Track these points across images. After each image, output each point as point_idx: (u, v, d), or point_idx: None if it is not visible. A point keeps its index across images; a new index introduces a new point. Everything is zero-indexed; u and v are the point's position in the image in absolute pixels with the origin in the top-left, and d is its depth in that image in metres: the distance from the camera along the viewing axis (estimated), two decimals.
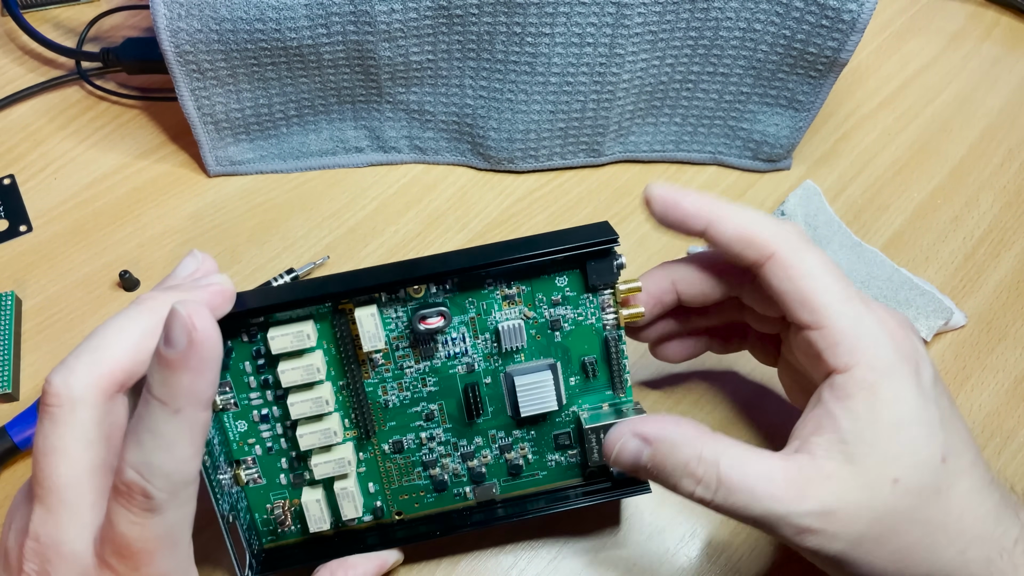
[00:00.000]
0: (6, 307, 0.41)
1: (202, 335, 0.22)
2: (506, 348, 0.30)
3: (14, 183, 0.47)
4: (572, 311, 0.30)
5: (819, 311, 0.27)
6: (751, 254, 0.28)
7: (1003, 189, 0.48)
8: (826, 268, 0.27)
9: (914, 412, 0.26)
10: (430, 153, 0.48)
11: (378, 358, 0.30)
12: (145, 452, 0.23)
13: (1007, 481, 0.37)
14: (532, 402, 0.30)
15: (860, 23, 0.40)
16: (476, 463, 0.32)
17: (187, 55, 0.41)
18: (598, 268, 0.29)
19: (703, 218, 0.28)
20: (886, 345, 0.26)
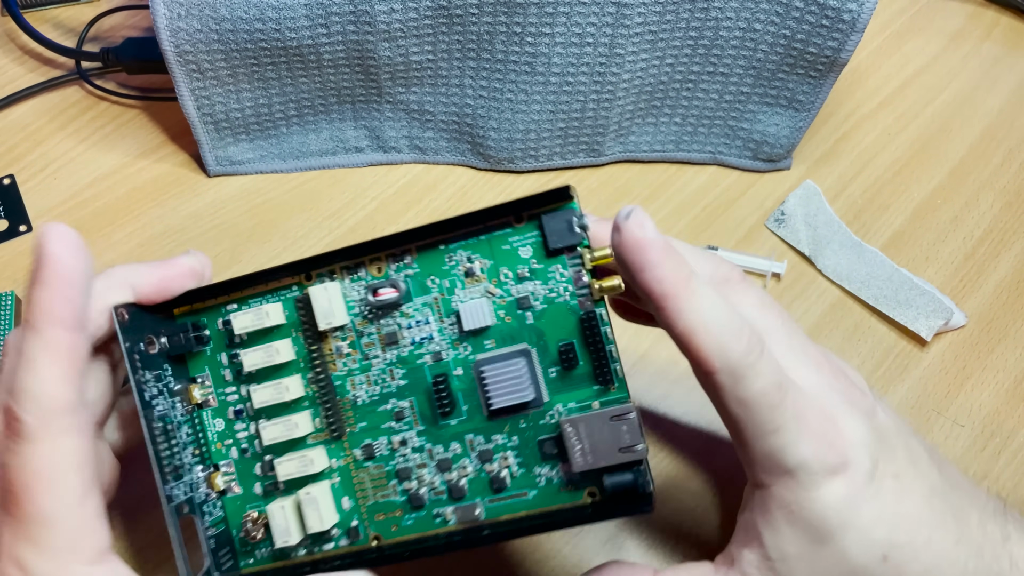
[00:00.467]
0: (6, 307, 0.41)
1: (52, 250, 0.23)
2: (468, 330, 0.27)
3: (14, 183, 0.47)
4: (541, 286, 0.27)
5: (744, 434, 0.25)
6: (691, 358, 0.24)
7: (1003, 189, 0.48)
8: (764, 397, 0.24)
9: (840, 522, 0.24)
10: (430, 153, 0.48)
11: (343, 346, 0.28)
12: (16, 376, 0.23)
13: (998, 493, 0.37)
14: (503, 393, 0.26)
15: (860, 23, 0.40)
16: (455, 476, 0.28)
17: (187, 55, 0.41)
18: (554, 227, 0.26)
19: (660, 293, 0.23)
20: (803, 468, 0.24)
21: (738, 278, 0.28)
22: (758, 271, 0.44)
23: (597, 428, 0.25)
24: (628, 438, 0.25)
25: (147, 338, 0.29)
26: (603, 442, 0.25)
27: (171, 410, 0.29)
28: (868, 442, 0.25)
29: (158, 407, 0.28)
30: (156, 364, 0.29)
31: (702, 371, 0.24)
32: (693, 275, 0.24)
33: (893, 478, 0.25)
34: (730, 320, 0.24)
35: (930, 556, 0.25)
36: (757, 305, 0.27)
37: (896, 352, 0.42)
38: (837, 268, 0.44)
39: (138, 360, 0.28)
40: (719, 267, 0.28)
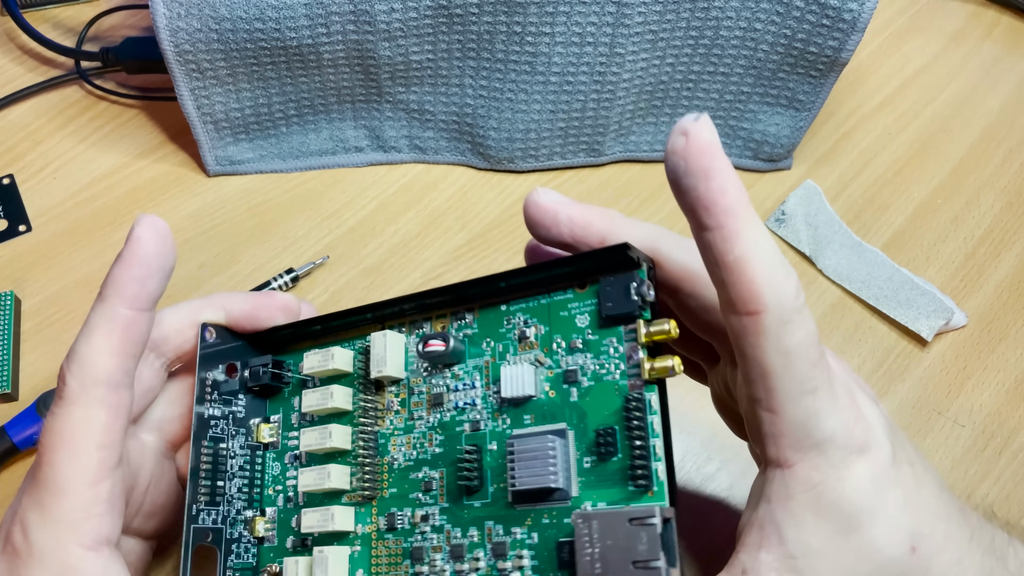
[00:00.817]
0: (5, 307, 0.41)
1: (138, 233, 0.24)
2: (506, 397, 0.24)
3: (13, 183, 0.47)
4: (592, 360, 0.24)
5: (776, 395, 0.22)
6: (737, 295, 0.21)
7: (1004, 189, 0.48)
8: (807, 349, 0.22)
9: (869, 507, 0.23)
10: (430, 153, 0.48)
11: (395, 402, 0.27)
12: (75, 342, 0.24)
13: (986, 508, 0.36)
14: (528, 474, 0.23)
15: (860, 23, 0.40)
16: (466, 568, 0.24)
17: (186, 54, 0.41)
18: (612, 292, 0.23)
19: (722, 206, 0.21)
20: (832, 441, 0.22)
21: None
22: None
23: (613, 531, 0.21)
24: (645, 550, 0.20)
25: (229, 364, 0.29)
26: (617, 550, 0.21)
27: (230, 439, 0.28)
28: (885, 426, 0.24)
29: (216, 428, 0.28)
30: (230, 389, 0.29)
31: (747, 311, 0.21)
32: (749, 202, 0.21)
33: (909, 465, 0.24)
34: (782, 257, 0.21)
35: (952, 550, 0.24)
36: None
37: (897, 352, 0.42)
38: (838, 268, 0.44)
39: (209, 380, 0.28)
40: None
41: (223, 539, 0.27)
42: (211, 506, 0.27)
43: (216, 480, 0.28)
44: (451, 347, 0.26)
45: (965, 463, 0.38)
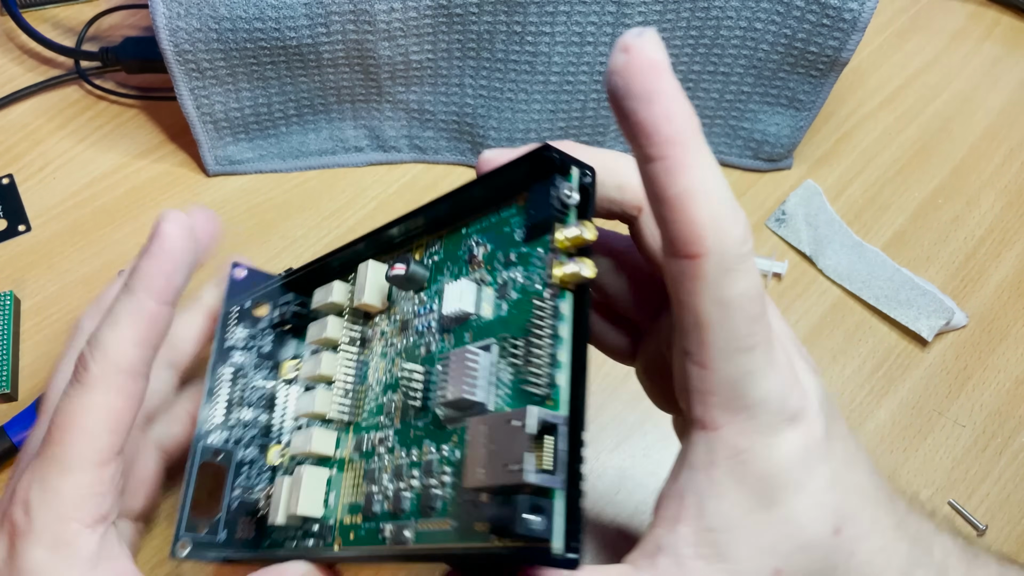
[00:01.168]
0: (5, 307, 0.41)
1: (165, 228, 0.25)
2: (446, 314, 0.24)
3: (13, 183, 0.46)
4: (522, 273, 0.22)
5: (710, 348, 0.20)
6: (676, 235, 0.19)
7: (1004, 189, 0.48)
8: (748, 302, 0.20)
9: (796, 480, 0.21)
10: (430, 152, 0.48)
11: (377, 332, 0.27)
12: (99, 328, 0.24)
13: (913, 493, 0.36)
14: (450, 389, 0.22)
15: (861, 22, 0.40)
16: (403, 487, 0.24)
17: (186, 54, 0.41)
18: (536, 199, 0.21)
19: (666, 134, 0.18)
20: (770, 401, 0.21)
21: None
22: (759, 271, 0.44)
23: (498, 434, 0.20)
24: (515, 450, 0.19)
25: (258, 302, 0.30)
26: (498, 455, 0.20)
27: (252, 370, 0.30)
28: (822, 397, 0.22)
29: (236, 357, 0.30)
30: (259, 326, 0.30)
31: (686, 253, 0.19)
32: (701, 131, 0.19)
33: (842, 441, 0.22)
34: (730, 196, 0.19)
35: (878, 535, 0.22)
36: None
37: (897, 352, 0.42)
38: (838, 268, 0.44)
39: (235, 313, 0.30)
40: None
41: (232, 460, 0.29)
42: (224, 428, 0.29)
43: (232, 404, 0.29)
44: (410, 270, 0.25)
45: (966, 463, 0.38)
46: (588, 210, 0.22)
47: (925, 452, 0.39)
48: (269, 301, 0.31)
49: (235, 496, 0.29)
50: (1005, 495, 0.38)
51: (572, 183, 0.21)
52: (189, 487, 0.28)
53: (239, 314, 0.31)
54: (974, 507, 0.37)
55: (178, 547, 0.28)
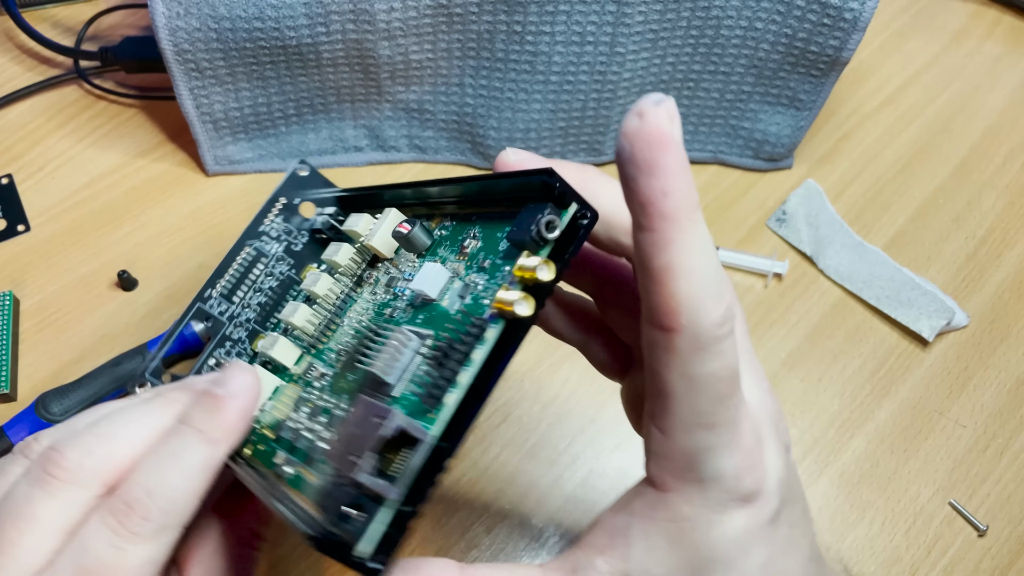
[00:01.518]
0: (4, 307, 0.41)
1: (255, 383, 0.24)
2: (414, 289, 0.24)
3: (12, 182, 0.46)
4: (485, 281, 0.23)
5: (671, 418, 0.20)
6: (655, 305, 0.19)
7: (1005, 188, 0.48)
8: (716, 383, 0.20)
9: (728, 559, 0.21)
10: (430, 152, 0.48)
11: (373, 275, 0.28)
12: (164, 475, 0.22)
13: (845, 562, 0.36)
14: (374, 362, 0.22)
15: (862, 22, 0.40)
16: (314, 427, 0.25)
17: (186, 54, 0.40)
18: (524, 217, 0.21)
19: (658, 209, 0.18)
20: (717, 484, 0.21)
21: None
22: (759, 271, 0.44)
23: (362, 420, 0.20)
24: (362, 444, 0.19)
25: (306, 202, 0.31)
26: (356, 440, 0.20)
27: (275, 260, 0.31)
28: (782, 480, 0.22)
29: (263, 241, 0.31)
30: (293, 221, 0.31)
31: (662, 325, 0.19)
32: (699, 208, 0.19)
33: (789, 526, 0.22)
34: (716, 278, 0.19)
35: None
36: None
37: (898, 352, 0.42)
38: (839, 268, 0.44)
39: (283, 204, 0.31)
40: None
41: (220, 331, 0.30)
42: (225, 300, 0.30)
43: (241, 283, 0.30)
44: (412, 232, 0.26)
45: (966, 464, 0.38)
46: (568, 251, 0.21)
47: (926, 452, 0.39)
48: (315, 204, 0.31)
49: (209, 365, 0.30)
50: (1006, 496, 0.37)
51: (562, 220, 0.21)
52: (170, 341, 0.29)
53: (284, 206, 0.31)
54: (975, 508, 0.37)
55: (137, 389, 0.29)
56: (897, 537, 0.36)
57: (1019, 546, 0.36)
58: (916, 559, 0.36)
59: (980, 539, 0.36)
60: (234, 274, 0.30)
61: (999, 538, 0.36)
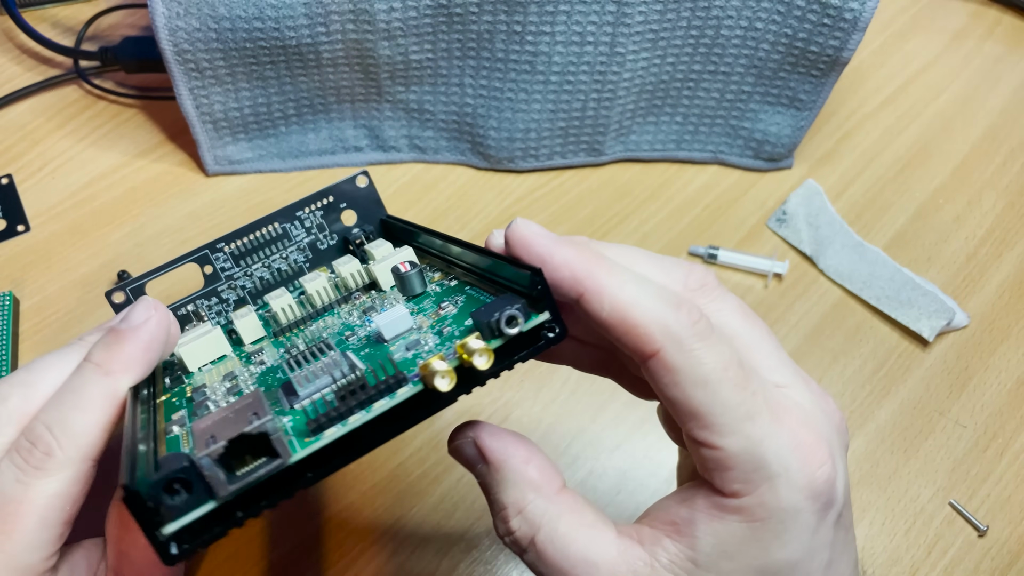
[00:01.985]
0: (4, 307, 0.41)
1: (161, 318, 0.24)
2: (376, 322, 0.24)
3: (12, 183, 0.46)
4: (435, 346, 0.22)
5: (712, 429, 0.20)
6: (630, 344, 0.21)
7: (1005, 189, 0.48)
8: (726, 372, 0.20)
9: (797, 558, 0.21)
10: (430, 152, 0.48)
11: (361, 299, 0.28)
12: (63, 410, 0.22)
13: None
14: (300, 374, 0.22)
15: (862, 22, 0.40)
16: (215, 400, 0.25)
17: (185, 54, 0.40)
18: (496, 304, 0.21)
19: (574, 286, 0.21)
20: (788, 480, 0.21)
21: (714, 284, 0.24)
22: (760, 271, 0.44)
23: (240, 412, 0.20)
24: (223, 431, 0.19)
25: (349, 210, 0.31)
26: (222, 424, 0.20)
27: (295, 247, 0.31)
28: (846, 481, 0.22)
29: (294, 227, 0.31)
30: (330, 225, 0.31)
31: (648, 354, 0.20)
32: (607, 257, 0.21)
33: (846, 530, 0.23)
34: (662, 291, 0.21)
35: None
36: (739, 312, 0.23)
37: (898, 352, 0.42)
38: (839, 268, 0.44)
39: (328, 201, 0.31)
40: (691, 273, 0.23)
41: (214, 285, 0.30)
42: (233, 261, 0.30)
43: (254, 252, 0.30)
44: (409, 273, 0.26)
45: (967, 464, 0.38)
46: (520, 353, 0.21)
47: (926, 452, 0.39)
48: (358, 215, 0.32)
49: (188, 310, 0.30)
50: (1006, 496, 0.37)
51: (526, 322, 0.21)
52: (161, 270, 0.29)
53: (327, 206, 0.31)
54: (975, 508, 0.37)
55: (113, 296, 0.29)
56: (897, 537, 0.36)
57: (1019, 546, 0.36)
58: (916, 559, 0.36)
59: (980, 539, 0.36)
60: (252, 241, 0.30)
61: (999, 538, 0.36)
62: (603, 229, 0.46)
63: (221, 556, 0.35)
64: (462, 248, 0.26)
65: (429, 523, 0.36)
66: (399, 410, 0.20)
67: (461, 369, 0.20)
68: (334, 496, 0.37)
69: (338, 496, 0.37)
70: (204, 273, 0.30)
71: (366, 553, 0.35)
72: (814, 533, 0.21)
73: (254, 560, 0.35)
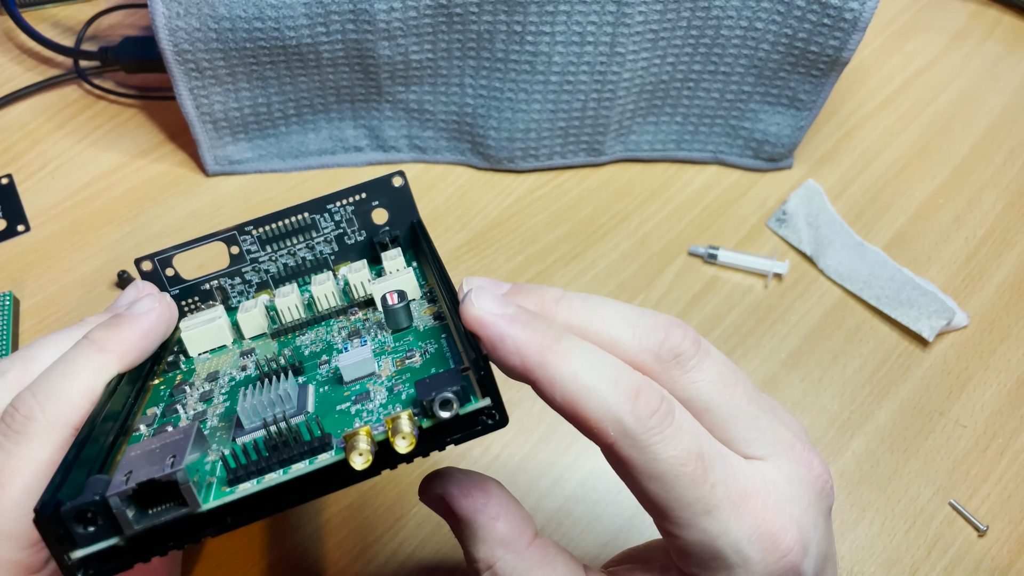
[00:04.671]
0: (4, 307, 0.41)
1: (163, 311, 0.24)
2: (340, 364, 0.24)
3: (12, 182, 0.46)
4: (380, 403, 0.22)
5: (669, 521, 0.21)
6: (585, 434, 0.21)
7: (1005, 188, 0.48)
8: (683, 468, 0.20)
9: None
10: (430, 152, 0.48)
11: (357, 315, 0.28)
12: (51, 377, 0.22)
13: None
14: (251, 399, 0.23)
15: (862, 22, 0.40)
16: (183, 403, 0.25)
17: (185, 54, 0.40)
18: (437, 379, 0.20)
19: (524, 374, 0.20)
20: (747, 570, 0.21)
21: (691, 350, 0.22)
22: (759, 271, 0.44)
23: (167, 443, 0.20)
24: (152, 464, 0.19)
25: (380, 208, 0.31)
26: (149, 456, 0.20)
27: (322, 238, 0.31)
28: (823, 548, 0.22)
29: (321, 218, 0.31)
30: (360, 221, 0.31)
31: (603, 446, 0.20)
32: (563, 335, 0.20)
33: (832, 568, 0.23)
34: (618, 379, 0.20)
35: None
36: (717, 381, 0.22)
37: (898, 352, 0.42)
38: (839, 268, 0.44)
39: (361, 198, 0.31)
40: (668, 338, 0.22)
41: (239, 265, 0.31)
42: (258, 243, 0.31)
43: (282, 239, 0.31)
44: (395, 307, 0.26)
45: (967, 464, 0.38)
46: (452, 436, 0.21)
47: (926, 452, 0.39)
48: (389, 214, 0.31)
49: (210, 285, 0.31)
50: (1006, 496, 0.37)
51: (463, 407, 0.20)
52: (190, 245, 0.30)
53: (360, 202, 0.31)
54: (975, 508, 0.37)
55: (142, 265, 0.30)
56: (897, 537, 0.36)
57: (1019, 546, 0.36)
58: (916, 559, 0.36)
59: (980, 539, 0.36)
60: (281, 228, 0.31)
61: (999, 538, 0.36)
62: (603, 229, 0.46)
63: (221, 556, 0.35)
64: (444, 292, 0.26)
65: (429, 523, 0.36)
66: (315, 476, 0.20)
67: (383, 446, 0.20)
68: (334, 496, 0.37)
69: (338, 496, 0.37)
70: (231, 253, 0.30)
71: (366, 553, 0.35)
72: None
73: (254, 560, 0.35)
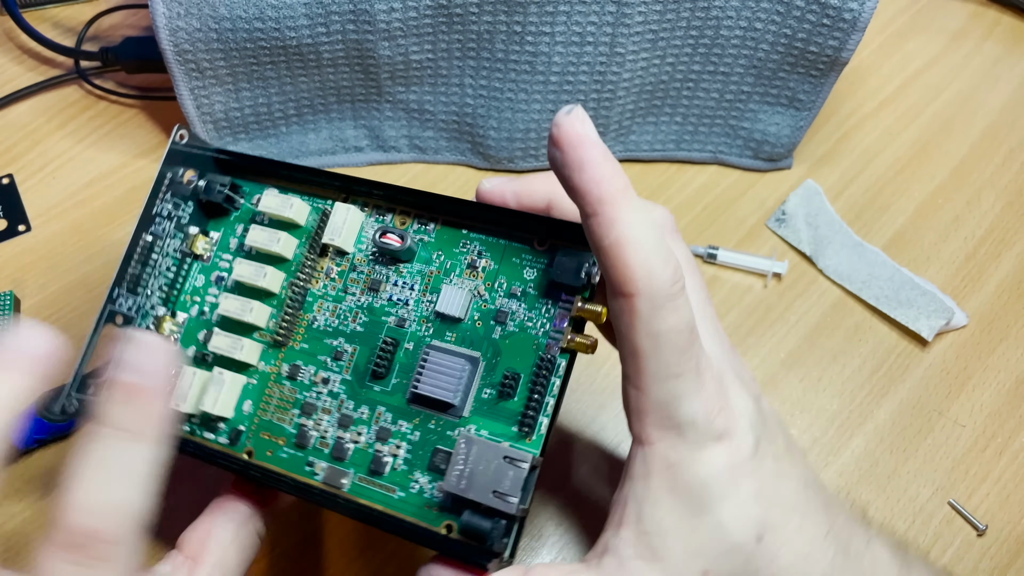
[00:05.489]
0: (5, 307, 0.41)
1: (168, 358, 0.21)
2: (438, 311, 0.27)
3: (13, 182, 0.46)
4: (525, 311, 0.26)
5: (647, 375, 0.23)
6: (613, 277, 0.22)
7: (1005, 188, 0.48)
8: (679, 336, 0.22)
9: (720, 492, 0.23)
10: (430, 152, 0.48)
11: (334, 270, 0.29)
12: (103, 489, 0.20)
13: (860, 506, 0.37)
14: (432, 384, 0.26)
15: (861, 22, 0.40)
16: (347, 436, 0.27)
17: (186, 54, 0.41)
18: (566, 263, 0.25)
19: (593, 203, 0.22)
20: (697, 421, 0.23)
21: (672, 228, 0.27)
22: (759, 271, 0.44)
23: (486, 459, 0.24)
24: (508, 485, 0.23)
25: (187, 170, 0.30)
26: (484, 476, 0.24)
27: (168, 238, 0.30)
28: (754, 420, 0.25)
29: (159, 225, 0.30)
30: (181, 194, 0.30)
31: (623, 292, 0.22)
32: (630, 187, 0.22)
33: (773, 459, 0.25)
34: (661, 244, 0.22)
35: (801, 543, 0.24)
36: (685, 261, 0.25)
37: (897, 352, 0.42)
38: (838, 268, 0.44)
39: (167, 179, 0.30)
40: (652, 211, 0.26)
41: (131, 323, 0.29)
42: (131, 294, 0.29)
43: (143, 272, 0.29)
44: (406, 246, 0.27)
45: (966, 463, 0.38)
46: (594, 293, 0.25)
47: (925, 452, 0.39)
48: (198, 171, 0.30)
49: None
50: (1005, 495, 0.38)
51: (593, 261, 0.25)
52: (89, 348, 0.28)
53: (171, 182, 0.30)
54: (974, 507, 0.37)
55: (67, 403, 0.28)
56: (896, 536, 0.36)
57: (1018, 546, 0.36)
58: None
59: (979, 539, 0.36)
60: (135, 267, 0.29)
61: (998, 538, 0.37)
62: None
63: None
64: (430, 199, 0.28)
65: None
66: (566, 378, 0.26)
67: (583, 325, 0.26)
68: None
69: None
70: (117, 324, 0.29)
71: (367, 552, 0.35)
72: (728, 468, 0.24)
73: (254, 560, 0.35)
